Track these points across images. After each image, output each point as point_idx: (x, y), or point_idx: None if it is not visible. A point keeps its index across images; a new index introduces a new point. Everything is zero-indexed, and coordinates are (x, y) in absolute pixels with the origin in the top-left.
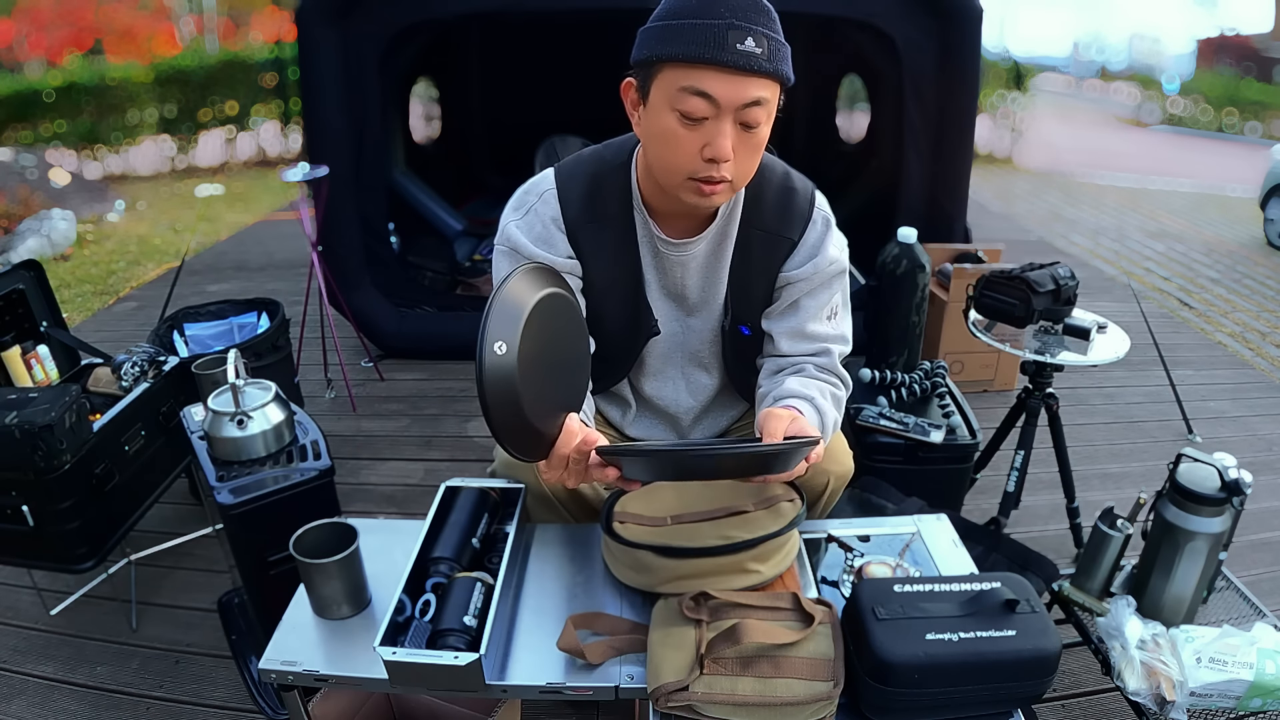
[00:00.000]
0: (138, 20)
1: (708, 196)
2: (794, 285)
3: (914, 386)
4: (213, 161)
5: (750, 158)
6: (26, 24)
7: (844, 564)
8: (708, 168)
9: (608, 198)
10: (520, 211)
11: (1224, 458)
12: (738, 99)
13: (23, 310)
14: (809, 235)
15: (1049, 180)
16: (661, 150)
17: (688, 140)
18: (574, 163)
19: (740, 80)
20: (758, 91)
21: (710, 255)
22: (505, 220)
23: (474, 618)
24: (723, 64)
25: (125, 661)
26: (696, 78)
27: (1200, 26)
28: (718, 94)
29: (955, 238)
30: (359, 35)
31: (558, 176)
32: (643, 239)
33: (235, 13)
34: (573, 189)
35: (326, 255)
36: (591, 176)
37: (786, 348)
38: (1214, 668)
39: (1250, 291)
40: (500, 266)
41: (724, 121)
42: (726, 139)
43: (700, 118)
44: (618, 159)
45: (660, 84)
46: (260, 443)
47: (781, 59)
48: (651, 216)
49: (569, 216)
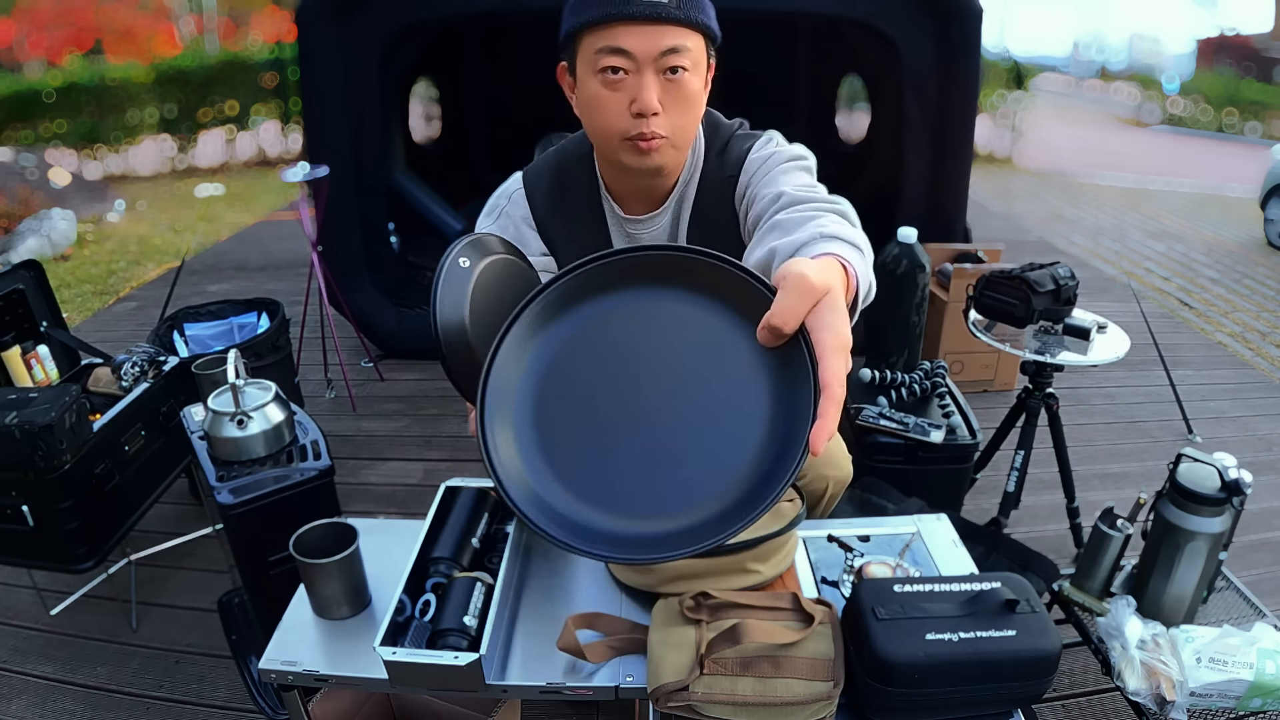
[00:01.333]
0: (138, 20)
1: (646, 154)
2: (746, 194)
3: (914, 386)
4: (213, 161)
5: (683, 111)
6: (26, 24)
7: (844, 564)
8: (638, 123)
9: (573, 189)
10: (492, 216)
11: (1224, 458)
12: (652, 49)
13: (23, 310)
14: (754, 155)
15: (1049, 180)
16: (593, 117)
17: (613, 100)
18: (539, 161)
19: (651, 30)
20: (671, 40)
21: (673, 225)
22: (479, 228)
23: (474, 618)
24: (630, 17)
25: (125, 661)
26: (609, 35)
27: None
28: (631, 46)
29: (955, 238)
30: (359, 35)
31: (525, 177)
32: (611, 223)
33: (235, 13)
34: (539, 187)
35: (326, 255)
36: (556, 171)
37: (772, 240)
38: (1214, 668)
39: (1250, 291)
40: None
41: (645, 74)
42: (650, 90)
43: (620, 72)
44: (580, 150)
45: (582, 54)
46: (260, 443)
47: (693, 6)
48: (616, 200)
49: (538, 214)
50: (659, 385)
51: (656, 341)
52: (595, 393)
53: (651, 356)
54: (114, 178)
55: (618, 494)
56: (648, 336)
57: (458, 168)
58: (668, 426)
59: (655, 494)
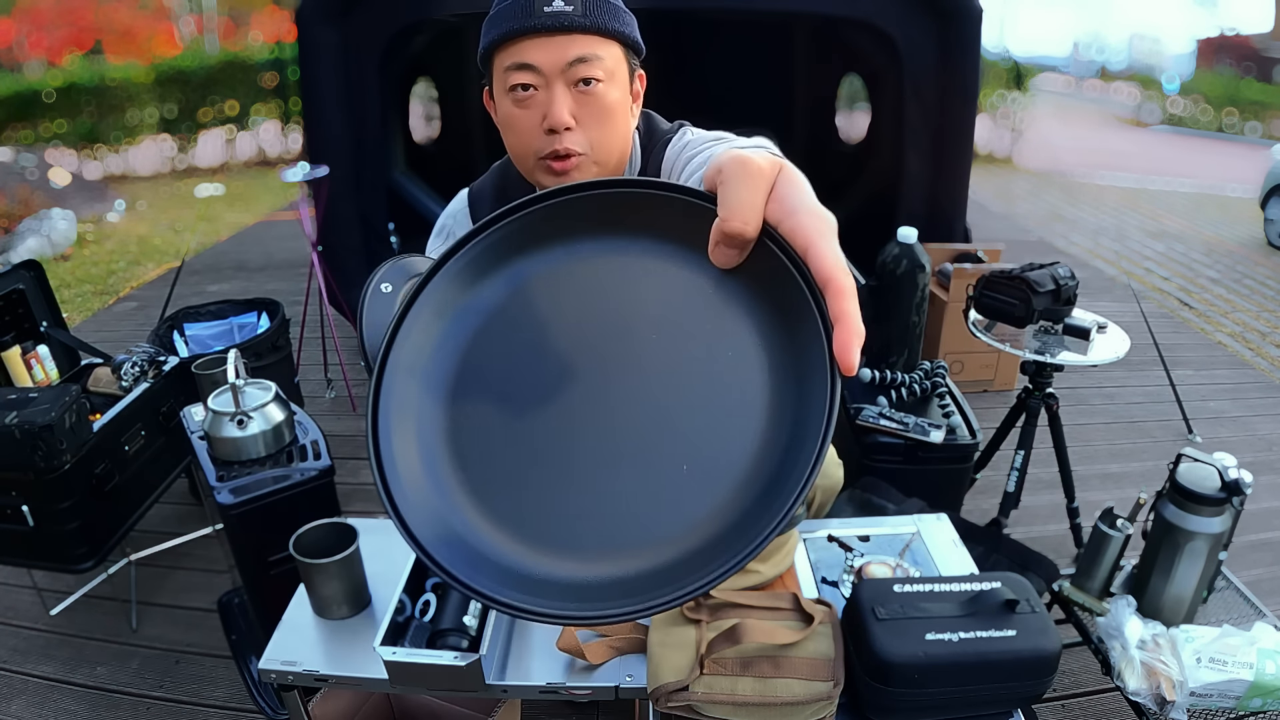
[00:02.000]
0: (138, 20)
1: (562, 175)
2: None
3: (914, 386)
4: (213, 161)
5: (599, 124)
6: (26, 24)
7: (844, 564)
8: (551, 140)
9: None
10: (440, 237)
11: (1224, 458)
12: (559, 60)
13: (23, 310)
14: (670, 149)
15: (1049, 180)
16: (510, 137)
17: (525, 118)
18: (483, 179)
19: (555, 41)
20: (578, 49)
21: None
22: (429, 249)
23: (474, 618)
24: (533, 30)
25: (125, 661)
26: (515, 51)
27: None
28: (536, 60)
29: (955, 238)
30: (359, 35)
31: (470, 195)
32: None
33: (235, 13)
34: (483, 202)
35: (326, 255)
36: (497, 187)
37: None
38: (1214, 668)
39: (1250, 291)
40: None
41: (554, 88)
42: (559, 105)
43: (530, 89)
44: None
45: (495, 75)
46: (260, 443)
47: (601, 13)
48: None
49: None
50: (613, 361)
51: (601, 305)
52: (529, 379)
53: (597, 326)
54: (114, 178)
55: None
56: (589, 300)
57: (458, 168)
58: (629, 417)
59: (628, 517)
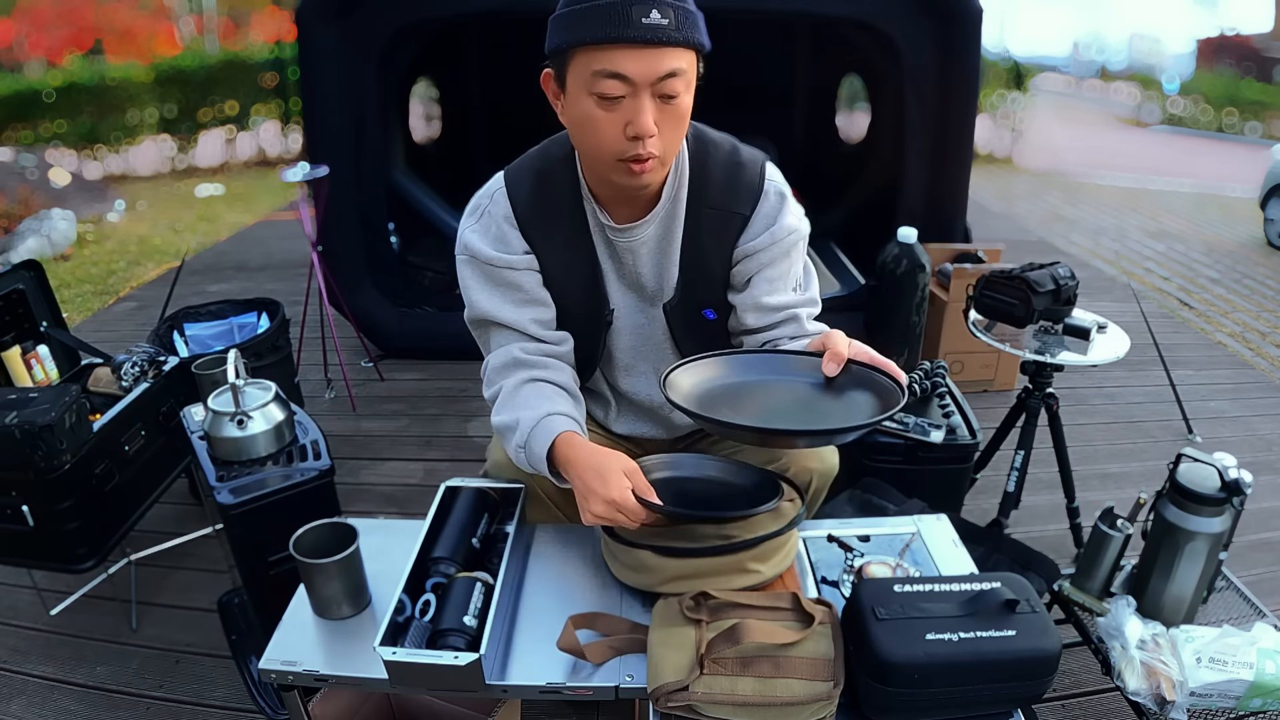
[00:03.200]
0: (138, 20)
1: (638, 176)
2: (751, 259)
3: (914, 386)
4: (213, 161)
5: (674, 130)
6: (26, 24)
7: (844, 564)
8: (633, 146)
9: (556, 190)
10: (475, 216)
11: (1224, 458)
12: (651, 73)
13: (23, 310)
14: (762, 208)
15: (1049, 180)
16: (586, 136)
17: (609, 122)
18: (522, 160)
19: (651, 54)
20: (671, 63)
21: (660, 239)
22: (462, 228)
23: (474, 618)
24: (630, 40)
25: (125, 661)
26: (607, 59)
27: (1200, 26)
28: (630, 72)
29: (955, 238)
30: (359, 35)
31: (507, 176)
32: (594, 228)
33: (235, 13)
34: (522, 186)
35: (326, 255)
36: (538, 172)
37: (752, 322)
38: (1214, 668)
39: (1250, 291)
40: (464, 274)
41: (641, 98)
42: (647, 115)
43: (617, 97)
44: (562, 152)
45: (574, 70)
46: (260, 443)
47: (691, 27)
48: (599, 204)
49: (520, 213)
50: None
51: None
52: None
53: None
54: (114, 178)
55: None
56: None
57: (458, 168)
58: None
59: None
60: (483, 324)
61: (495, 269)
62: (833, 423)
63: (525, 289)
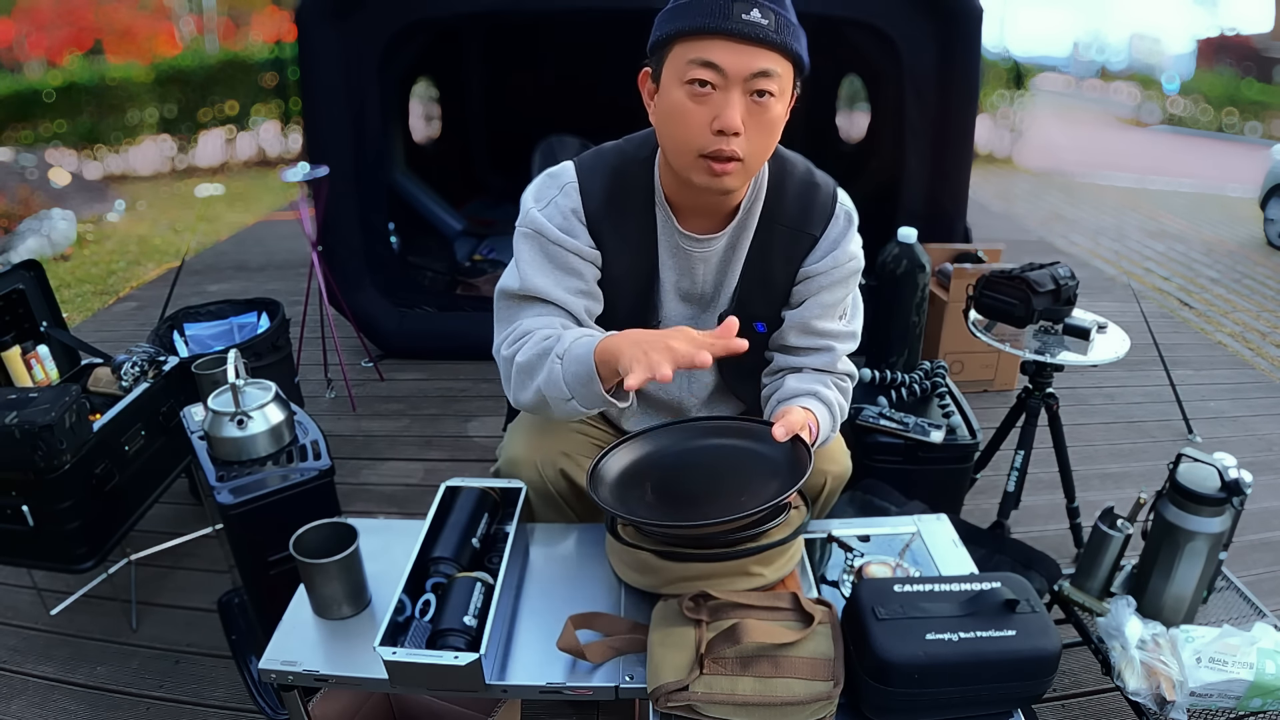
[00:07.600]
0: (138, 20)
1: (719, 176)
2: (812, 280)
3: (914, 386)
4: (213, 161)
5: (763, 135)
6: (26, 24)
7: (844, 564)
8: (717, 141)
9: (629, 192)
10: (542, 201)
11: (1224, 458)
12: (744, 68)
13: (23, 310)
14: (831, 230)
15: (1049, 180)
16: (672, 127)
17: (697, 114)
18: (595, 156)
19: (746, 49)
20: (764, 62)
21: (727, 249)
22: (527, 207)
23: (474, 618)
24: (728, 33)
25: (125, 661)
26: (703, 48)
27: (1200, 26)
28: (723, 62)
29: (955, 238)
30: (359, 35)
31: (579, 170)
32: (663, 235)
33: (235, 13)
34: (594, 183)
35: (326, 255)
36: (613, 170)
37: (793, 340)
38: (1214, 668)
39: (1250, 291)
40: (522, 248)
41: (732, 92)
42: (735, 109)
43: (708, 86)
44: (640, 153)
45: (671, 61)
46: (260, 443)
47: (792, 36)
48: (673, 212)
49: (590, 210)
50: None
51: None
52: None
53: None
54: (114, 178)
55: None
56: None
57: (458, 168)
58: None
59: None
60: (525, 299)
61: (562, 250)
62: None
63: (584, 278)
